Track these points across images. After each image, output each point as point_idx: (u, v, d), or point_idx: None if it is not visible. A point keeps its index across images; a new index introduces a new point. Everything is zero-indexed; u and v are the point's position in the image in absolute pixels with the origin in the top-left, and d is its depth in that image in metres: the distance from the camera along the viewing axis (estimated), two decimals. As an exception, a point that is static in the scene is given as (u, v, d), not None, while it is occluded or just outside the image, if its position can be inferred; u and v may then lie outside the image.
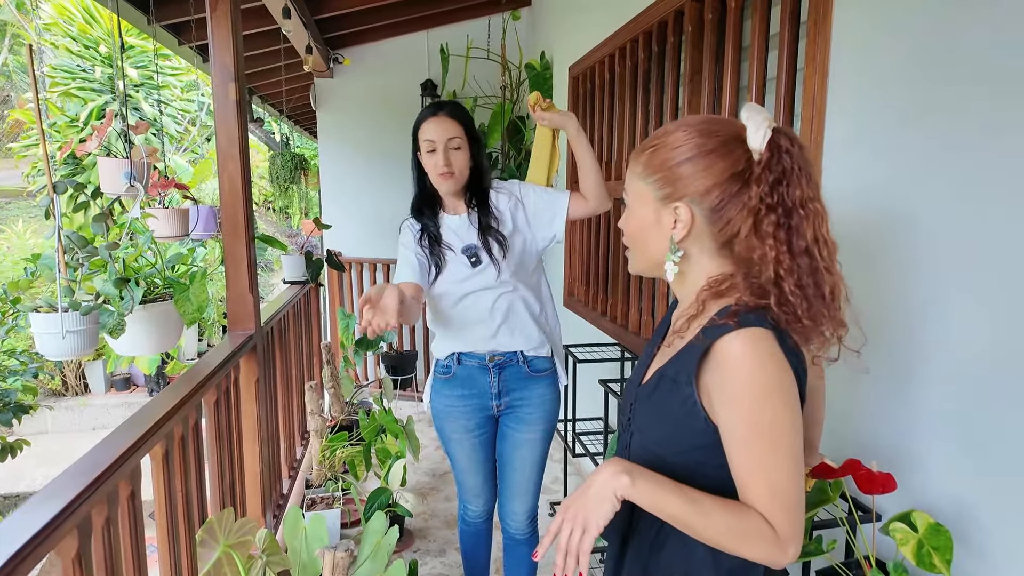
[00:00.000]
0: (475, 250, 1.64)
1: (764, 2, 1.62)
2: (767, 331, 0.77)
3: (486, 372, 1.69)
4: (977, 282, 1.03)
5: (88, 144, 1.72)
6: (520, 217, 1.69)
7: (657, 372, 0.89)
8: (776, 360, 0.76)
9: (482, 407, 1.72)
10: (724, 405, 0.78)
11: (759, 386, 0.75)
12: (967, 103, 1.04)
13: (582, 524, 0.81)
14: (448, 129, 1.60)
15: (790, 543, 0.75)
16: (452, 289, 1.66)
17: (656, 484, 0.80)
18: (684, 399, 0.82)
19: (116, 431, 1.23)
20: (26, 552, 0.83)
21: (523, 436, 1.73)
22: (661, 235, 0.85)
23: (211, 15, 1.90)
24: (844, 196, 1.32)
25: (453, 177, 1.61)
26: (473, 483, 1.83)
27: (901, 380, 1.19)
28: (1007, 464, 0.99)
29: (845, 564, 1.11)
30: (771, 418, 0.75)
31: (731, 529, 0.76)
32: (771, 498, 0.76)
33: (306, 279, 3.00)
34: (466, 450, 1.78)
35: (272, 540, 1.45)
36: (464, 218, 1.67)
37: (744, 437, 0.77)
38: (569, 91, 3.27)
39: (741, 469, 0.78)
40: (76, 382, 7.12)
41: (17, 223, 7.99)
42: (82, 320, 1.42)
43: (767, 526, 0.75)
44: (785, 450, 0.76)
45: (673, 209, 0.83)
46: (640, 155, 0.87)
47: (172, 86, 8.12)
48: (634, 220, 0.89)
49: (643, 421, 0.90)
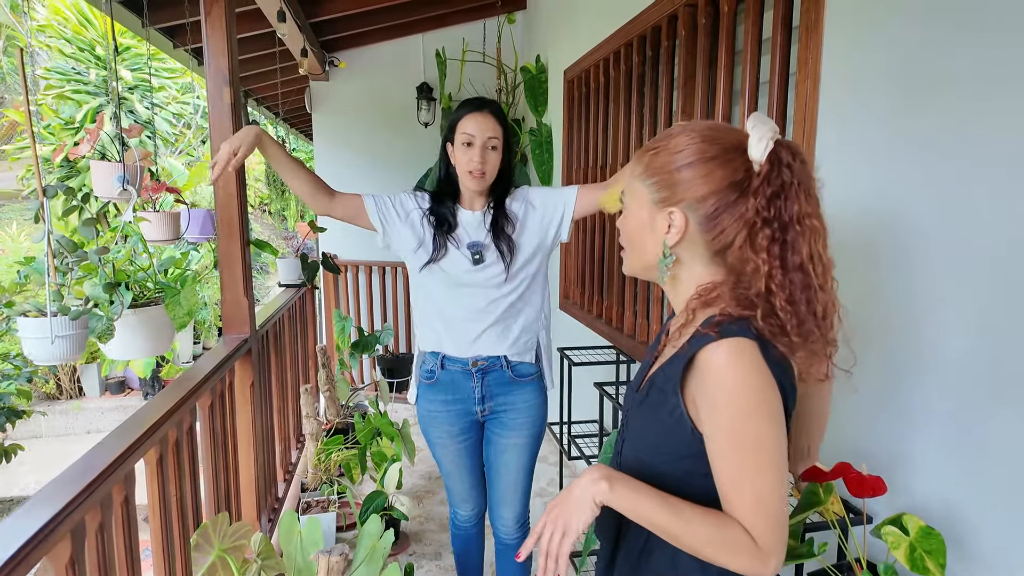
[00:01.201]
0: (480, 248, 1.63)
1: (757, 7, 1.63)
2: (750, 341, 0.76)
3: (469, 377, 1.69)
4: (969, 284, 1.04)
5: (81, 147, 1.72)
6: (531, 219, 1.68)
7: (648, 380, 0.89)
8: (759, 371, 0.76)
9: (466, 412, 1.72)
10: (708, 415, 0.78)
11: (741, 397, 0.75)
12: (958, 107, 1.05)
13: (563, 527, 0.82)
14: (489, 128, 1.59)
15: (771, 556, 0.75)
16: (449, 279, 1.66)
17: (635, 491, 0.80)
18: (671, 408, 0.82)
19: (110, 436, 1.23)
20: (19, 558, 0.82)
21: (508, 441, 1.74)
22: (655, 238, 0.85)
23: (206, 18, 1.90)
24: (835, 199, 1.32)
25: (483, 178, 1.60)
26: (460, 488, 1.84)
27: (892, 383, 1.19)
28: (998, 466, 1.00)
29: (836, 567, 1.12)
30: (754, 430, 0.75)
31: (711, 539, 0.76)
32: (753, 510, 0.75)
33: (302, 282, 3.00)
34: (452, 455, 1.78)
35: (267, 544, 1.45)
36: (479, 215, 1.67)
37: (727, 448, 0.76)
38: (564, 94, 3.28)
39: (724, 479, 0.77)
40: (71, 386, 7.09)
41: (11, 226, 7.95)
42: (71, 325, 1.41)
43: (748, 538, 0.75)
44: (767, 462, 0.75)
45: (668, 214, 0.82)
46: (642, 156, 0.87)
47: (168, 88, 8.11)
48: (631, 221, 0.89)
49: (634, 429, 0.91)
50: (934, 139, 1.09)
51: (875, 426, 1.24)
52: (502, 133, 1.61)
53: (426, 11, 3.94)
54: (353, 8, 3.56)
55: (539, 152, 3.60)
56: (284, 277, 3.03)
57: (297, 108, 5.50)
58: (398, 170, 4.37)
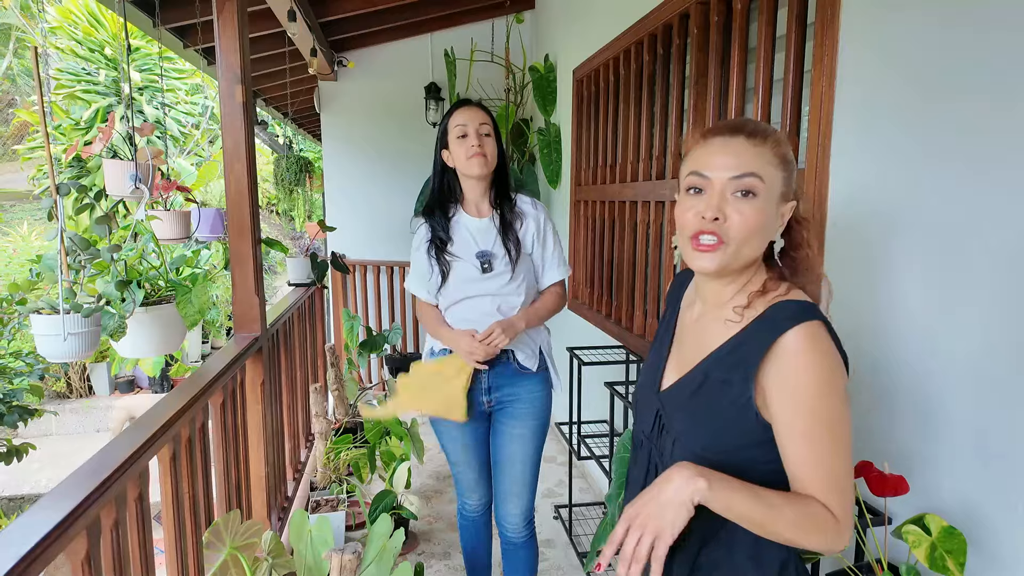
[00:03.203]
0: (489, 257, 1.68)
1: (771, 3, 1.62)
2: (823, 323, 0.79)
3: (475, 370, 1.72)
4: (989, 284, 1.03)
5: (93, 146, 1.72)
6: (537, 249, 1.77)
7: (697, 374, 0.87)
8: (833, 353, 0.79)
9: (474, 403, 1.74)
10: (784, 399, 0.79)
11: (822, 379, 0.77)
12: (977, 105, 1.04)
13: (653, 531, 0.76)
14: (479, 116, 1.68)
15: (847, 528, 0.78)
16: (456, 289, 1.71)
17: (729, 485, 0.78)
18: (735, 398, 0.82)
19: (124, 432, 1.23)
20: (36, 553, 0.82)
21: (514, 431, 1.76)
22: (772, 231, 0.86)
23: (218, 16, 1.91)
24: (852, 197, 1.31)
25: (486, 159, 1.66)
26: (469, 478, 1.88)
27: (913, 381, 1.18)
28: (1019, 467, 0.98)
29: (856, 567, 1.10)
30: (830, 410, 0.77)
31: (798, 520, 0.77)
32: (830, 488, 0.77)
33: (311, 281, 3.00)
34: (460, 445, 1.82)
35: (278, 542, 1.45)
36: (487, 221, 1.73)
37: (806, 430, 0.78)
38: (573, 94, 3.27)
39: (799, 461, 0.79)
40: (81, 384, 7.13)
41: (22, 226, 8.01)
42: (83, 322, 1.42)
43: (829, 514, 0.77)
44: (842, 441, 0.78)
45: (790, 207, 0.86)
46: (766, 140, 0.84)
47: (176, 89, 8.15)
48: (763, 215, 0.82)
49: (685, 426, 0.88)
50: (953, 138, 1.08)
51: (897, 425, 1.22)
52: (491, 122, 1.70)
53: (434, 11, 3.95)
54: (362, 8, 3.56)
55: (547, 152, 3.59)
56: (293, 276, 3.03)
57: (306, 108, 5.51)
58: (406, 170, 4.37)
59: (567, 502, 2.73)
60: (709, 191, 0.83)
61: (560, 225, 3.58)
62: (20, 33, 10.14)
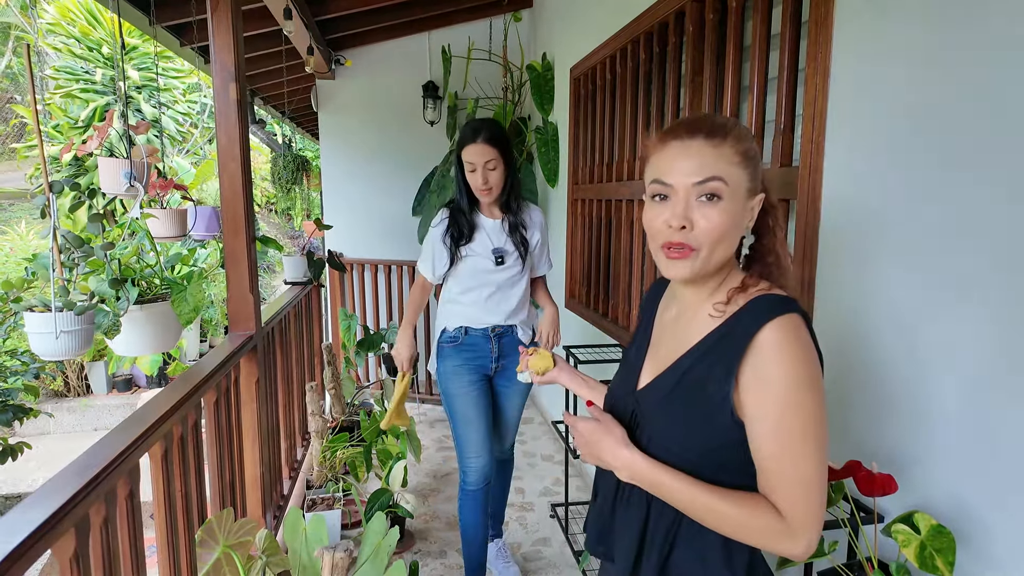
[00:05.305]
0: (502, 252, 2.06)
1: (765, 2, 1.62)
2: (800, 317, 0.78)
3: (488, 340, 2.11)
4: (982, 284, 1.03)
5: (89, 144, 1.72)
6: (537, 251, 2.18)
7: (676, 371, 0.86)
8: (810, 347, 0.78)
9: (482, 367, 2.13)
10: (759, 393, 0.77)
11: (798, 373, 0.76)
12: (970, 103, 1.04)
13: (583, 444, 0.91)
14: (485, 153, 1.95)
15: (804, 534, 0.75)
16: (475, 277, 2.06)
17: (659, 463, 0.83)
18: (711, 395, 0.81)
19: (115, 430, 1.23)
20: (22, 551, 0.82)
21: (513, 388, 2.21)
22: (741, 229, 0.84)
23: (212, 14, 1.90)
24: (844, 196, 1.31)
25: (491, 193, 2.01)
26: (475, 438, 2.11)
27: (902, 380, 1.18)
28: (1010, 465, 0.98)
29: (847, 566, 1.10)
30: (805, 406, 0.76)
31: (742, 519, 0.77)
32: (793, 486, 0.75)
33: (308, 279, 3.00)
34: (469, 401, 2.11)
35: (272, 541, 1.45)
36: (498, 223, 2.08)
37: (776, 423, 0.76)
38: (570, 92, 3.27)
39: (767, 455, 0.77)
40: (78, 383, 7.12)
41: (20, 224, 8.00)
42: (76, 320, 1.41)
43: (776, 519, 0.76)
44: (814, 441, 0.76)
45: (759, 200, 0.85)
46: (725, 138, 0.81)
47: (174, 88, 8.14)
48: (730, 215, 0.81)
49: (659, 425, 0.87)
50: (949, 138, 1.08)
51: (885, 424, 1.22)
52: (498, 153, 1.96)
53: (432, 9, 3.94)
54: (359, 6, 3.56)
55: (545, 150, 3.59)
56: (290, 275, 3.03)
57: (303, 106, 5.50)
58: (404, 168, 4.37)
59: (563, 500, 2.73)
60: (673, 198, 0.82)
61: (558, 224, 3.58)
62: (20, 32, 10.13)
